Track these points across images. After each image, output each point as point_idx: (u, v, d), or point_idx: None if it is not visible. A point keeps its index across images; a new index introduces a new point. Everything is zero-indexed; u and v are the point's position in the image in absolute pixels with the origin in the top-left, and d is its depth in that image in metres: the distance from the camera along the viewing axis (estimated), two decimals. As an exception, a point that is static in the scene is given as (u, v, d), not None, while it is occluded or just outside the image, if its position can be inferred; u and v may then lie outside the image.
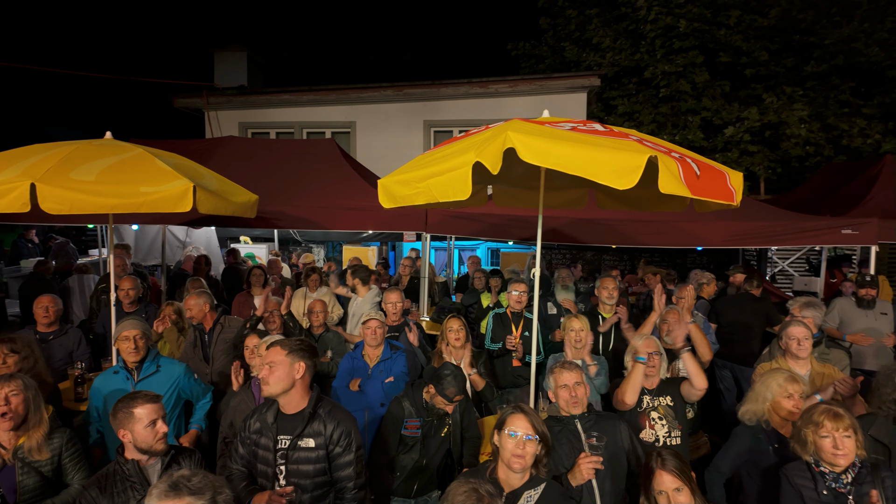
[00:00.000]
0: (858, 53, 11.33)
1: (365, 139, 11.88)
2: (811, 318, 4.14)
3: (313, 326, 4.62)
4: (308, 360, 2.42)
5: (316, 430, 2.37)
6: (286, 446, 2.36)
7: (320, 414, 2.40)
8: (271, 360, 2.36)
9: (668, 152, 2.42)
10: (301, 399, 2.41)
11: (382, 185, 2.82)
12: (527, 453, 2.13)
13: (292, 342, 2.44)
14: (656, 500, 2.16)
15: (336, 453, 2.37)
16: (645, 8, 12.44)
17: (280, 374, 2.34)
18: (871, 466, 2.31)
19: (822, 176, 9.70)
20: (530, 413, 2.21)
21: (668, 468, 2.16)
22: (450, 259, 9.76)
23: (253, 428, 2.43)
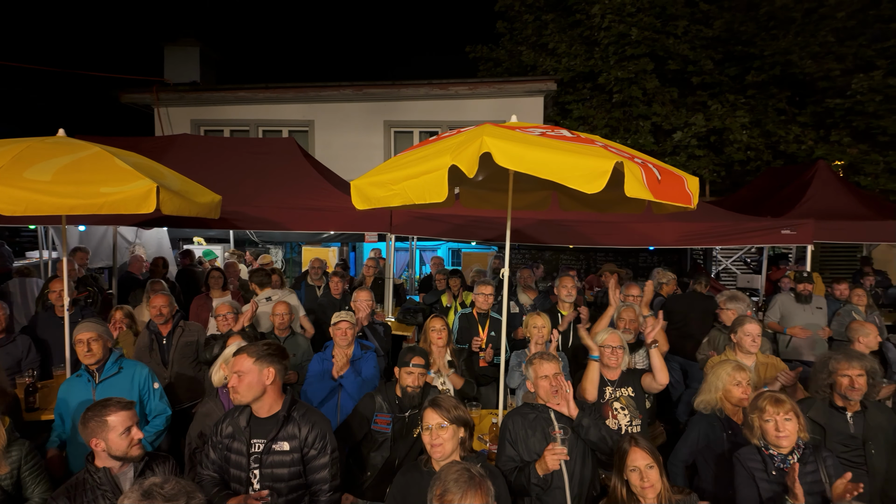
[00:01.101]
0: (793, 65, 12.11)
1: (324, 138, 11.74)
2: (734, 310, 4.43)
3: (276, 329, 4.56)
4: (277, 364, 2.40)
5: (290, 433, 2.36)
6: (260, 450, 2.34)
7: (295, 417, 2.39)
8: (239, 368, 2.33)
9: (632, 158, 2.55)
10: (274, 403, 2.39)
11: (356, 187, 2.84)
12: (443, 440, 2.24)
13: (259, 348, 2.41)
14: (629, 477, 2.28)
15: (311, 456, 2.37)
16: (599, 16, 12.86)
17: (249, 381, 2.32)
18: (812, 447, 2.52)
19: (762, 179, 10.33)
20: (438, 404, 2.31)
21: (641, 446, 2.31)
22: (412, 259, 9.80)
23: (225, 433, 2.40)
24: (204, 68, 12.11)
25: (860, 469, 2.78)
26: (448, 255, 10.71)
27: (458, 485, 1.78)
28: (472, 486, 1.78)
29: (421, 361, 3.09)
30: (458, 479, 1.79)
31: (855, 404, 2.87)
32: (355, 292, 4.61)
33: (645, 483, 2.22)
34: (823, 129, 12.35)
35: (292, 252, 11.74)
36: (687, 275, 9.74)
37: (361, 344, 3.91)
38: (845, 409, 2.88)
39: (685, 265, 11.25)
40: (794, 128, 12.35)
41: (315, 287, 6.59)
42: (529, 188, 3.80)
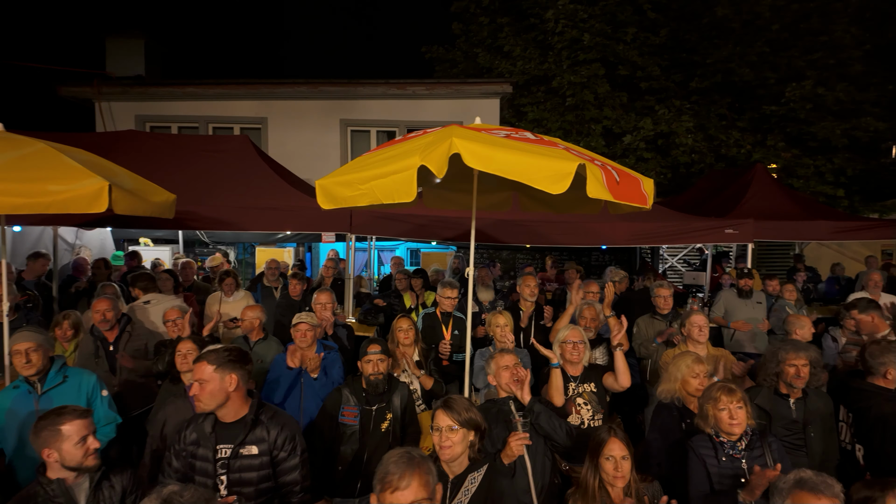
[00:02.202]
0: (733, 73, 12.79)
1: (278, 136, 11.48)
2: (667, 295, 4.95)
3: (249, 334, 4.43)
4: (240, 369, 2.36)
5: (259, 437, 2.33)
6: (227, 455, 2.29)
7: (262, 420, 2.36)
8: (199, 376, 2.28)
9: (593, 160, 2.65)
10: (240, 408, 2.35)
11: (321, 186, 2.81)
12: (453, 443, 2.25)
13: (220, 354, 2.36)
14: (603, 465, 2.36)
15: (281, 458, 2.35)
16: (552, 20, 13.16)
17: (211, 389, 2.27)
18: (759, 434, 2.70)
19: (705, 181, 10.87)
20: (450, 406, 2.32)
21: (619, 437, 2.41)
22: (370, 260, 9.74)
23: (189, 439, 2.34)
24: (149, 62, 11.60)
25: (800, 451, 2.99)
26: (407, 255, 10.70)
27: (398, 466, 1.80)
28: (412, 466, 1.80)
29: (377, 348, 3.15)
30: (397, 462, 1.81)
31: (797, 391, 3.08)
32: (315, 294, 4.54)
33: (618, 473, 2.32)
34: (760, 133, 13.10)
35: (245, 253, 11.40)
36: (636, 272, 10.13)
37: (324, 345, 3.88)
38: (789, 395, 3.09)
39: (635, 263, 11.68)
40: (734, 132, 13.03)
41: (272, 289, 6.45)
42: (492, 189, 3.86)
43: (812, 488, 1.79)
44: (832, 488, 1.81)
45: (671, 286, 5.17)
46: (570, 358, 3.33)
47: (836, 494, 1.80)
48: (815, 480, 1.82)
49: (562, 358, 3.35)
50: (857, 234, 8.44)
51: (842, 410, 3.19)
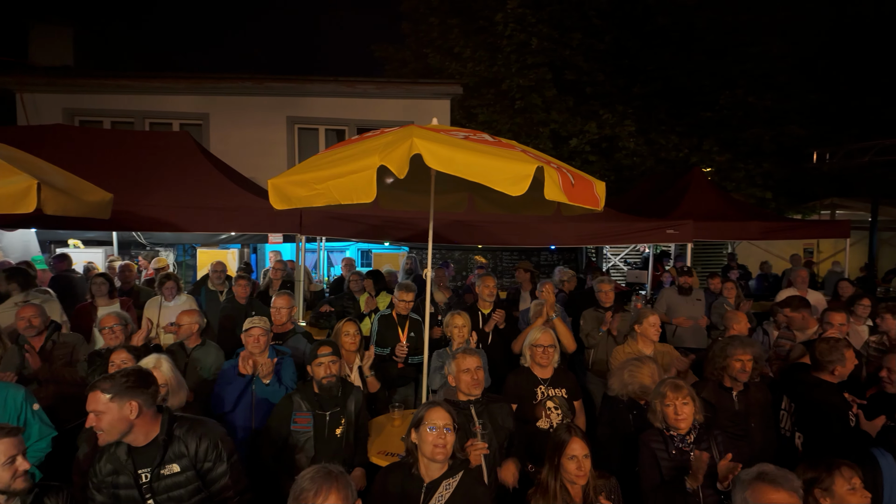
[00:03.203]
0: (673, 80, 13.41)
1: (220, 133, 11.02)
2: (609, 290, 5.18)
3: (186, 340, 4.21)
4: (141, 394, 2.16)
5: (178, 453, 2.20)
6: (149, 479, 2.16)
7: (178, 435, 2.23)
8: (94, 408, 2.09)
9: (549, 163, 2.69)
10: (150, 429, 2.20)
11: (274, 186, 2.71)
12: (448, 443, 2.23)
13: (116, 381, 2.14)
14: (565, 465, 2.38)
15: (207, 468, 2.24)
16: (502, 24, 13.34)
17: (110, 420, 2.09)
18: (706, 427, 2.82)
19: (646, 183, 11.33)
20: (445, 405, 2.32)
21: (580, 436, 2.44)
22: (318, 261, 9.52)
23: (105, 471, 2.18)
24: (78, 52, 10.85)
25: (742, 441, 3.15)
26: (358, 256, 10.52)
27: (314, 482, 1.76)
28: (329, 481, 1.76)
29: (328, 350, 3.08)
30: (313, 477, 1.77)
31: (740, 385, 3.25)
32: (275, 299, 4.39)
33: (580, 472, 2.35)
34: (697, 138, 13.80)
35: (185, 255, 10.87)
36: (583, 272, 10.43)
37: (277, 350, 3.75)
38: (732, 389, 3.26)
39: (581, 263, 12.03)
40: (673, 137, 13.66)
41: (217, 292, 6.17)
42: (448, 189, 3.86)
43: (772, 481, 1.88)
44: (791, 482, 1.90)
45: (612, 282, 5.36)
46: (540, 361, 3.35)
47: (795, 489, 1.90)
48: (775, 474, 1.91)
49: (532, 360, 3.38)
50: (784, 233, 9.04)
51: (785, 400, 3.40)
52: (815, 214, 14.54)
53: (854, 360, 3.25)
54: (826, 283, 10.37)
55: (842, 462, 2.19)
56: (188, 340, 4.01)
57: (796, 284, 6.42)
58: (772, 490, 1.85)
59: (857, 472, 2.16)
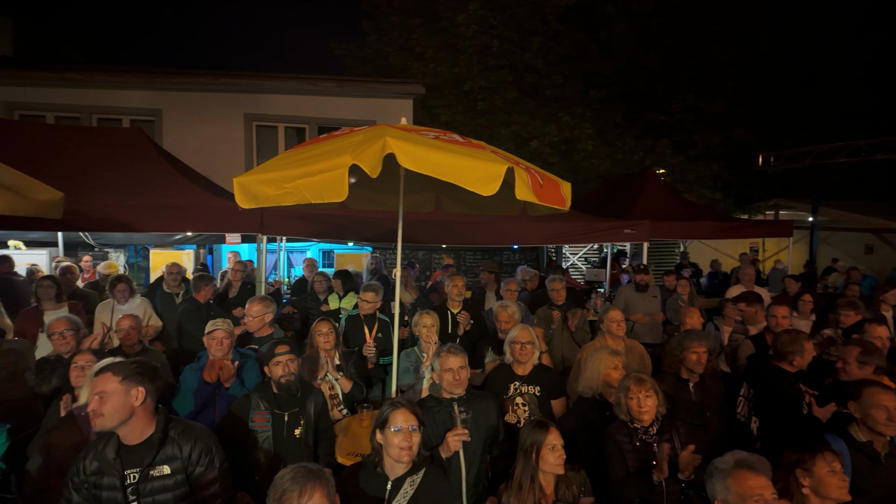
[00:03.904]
0: (628, 84, 13.83)
1: (174, 130, 10.64)
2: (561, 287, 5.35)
3: (124, 345, 4.07)
4: (148, 383, 2.19)
5: (170, 455, 2.17)
6: (136, 480, 2.10)
7: (172, 437, 2.20)
8: (102, 389, 2.08)
9: (518, 164, 2.74)
10: (146, 426, 2.17)
11: (241, 185, 2.65)
12: (413, 444, 2.24)
13: (127, 365, 2.19)
14: (545, 456, 2.43)
15: (198, 473, 2.20)
16: (463, 25, 13.41)
17: (115, 404, 2.08)
18: (668, 419, 2.93)
19: (604, 184, 11.64)
20: (409, 405, 2.33)
21: (555, 427, 2.51)
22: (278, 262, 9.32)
23: (90, 469, 2.11)
24: (18, 43, 10.24)
25: (700, 430, 3.29)
26: (320, 257, 10.36)
27: (296, 482, 1.75)
28: (311, 479, 1.76)
29: (286, 348, 3.06)
30: (294, 477, 1.76)
31: (696, 376, 3.40)
32: (249, 304, 4.28)
33: (559, 461, 2.42)
34: (651, 140, 14.28)
35: (137, 256, 10.43)
36: (544, 271, 10.62)
37: (240, 353, 3.67)
38: (689, 380, 3.40)
39: (542, 262, 12.25)
40: (628, 139, 14.09)
41: (173, 295, 5.97)
42: (416, 189, 3.86)
43: (751, 467, 1.99)
44: (766, 467, 2.02)
45: (563, 279, 5.50)
46: (518, 357, 3.39)
47: (768, 473, 2.01)
48: (752, 460, 2.01)
49: (511, 357, 3.43)
50: (733, 233, 9.48)
51: (744, 387, 3.58)
52: (760, 214, 15.32)
53: (812, 352, 3.46)
54: (770, 279, 10.93)
55: (826, 447, 2.32)
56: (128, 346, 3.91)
57: (744, 281, 6.75)
58: (752, 476, 1.95)
59: (839, 458, 2.29)
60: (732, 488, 1.97)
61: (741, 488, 1.95)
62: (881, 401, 2.60)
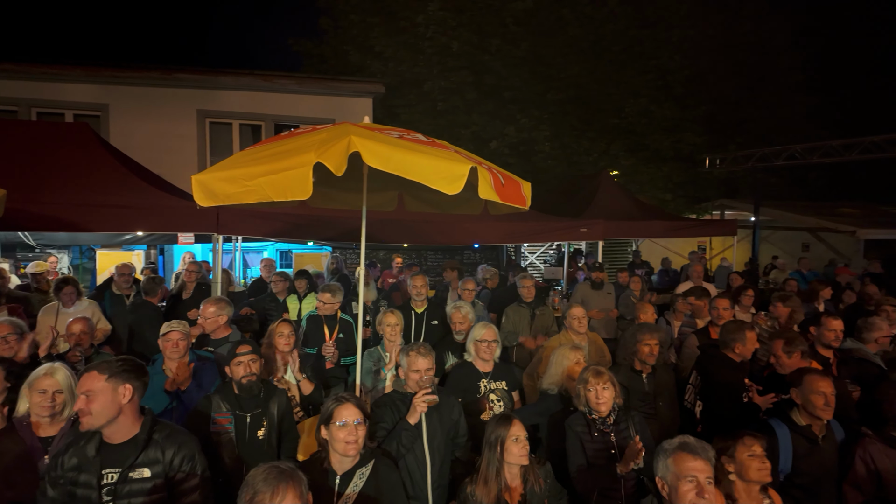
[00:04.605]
0: (584, 88, 14.19)
1: (122, 126, 10.21)
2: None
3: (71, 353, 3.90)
4: (135, 380, 2.18)
5: (152, 458, 2.12)
6: (114, 480, 2.06)
7: (157, 440, 2.16)
8: (88, 388, 2.06)
9: (480, 163, 2.80)
10: (131, 425, 2.14)
11: (199, 182, 2.59)
12: (359, 437, 2.27)
13: (113, 363, 2.16)
14: (509, 448, 2.49)
15: (179, 479, 2.16)
16: (423, 25, 13.44)
17: (103, 402, 2.06)
18: (624, 409, 3.06)
19: (561, 185, 11.94)
20: (353, 398, 2.35)
21: (518, 419, 2.57)
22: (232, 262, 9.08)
23: (68, 465, 2.07)
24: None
25: (652, 419, 3.45)
26: (277, 257, 10.15)
27: (268, 483, 1.74)
28: (283, 479, 1.76)
29: (247, 349, 3.04)
30: (266, 478, 1.75)
31: (648, 367, 3.56)
32: (204, 305, 4.17)
33: (523, 452, 2.48)
34: (605, 143, 14.71)
35: (83, 257, 9.94)
36: (504, 269, 10.79)
37: (198, 355, 3.59)
38: (642, 371, 3.56)
39: (502, 261, 12.43)
40: (584, 142, 14.47)
41: (123, 297, 5.75)
42: (378, 188, 3.87)
43: (691, 450, 2.09)
44: (707, 452, 2.13)
45: (533, 278, 5.65)
46: (483, 356, 3.48)
47: (710, 458, 2.12)
48: (694, 444, 2.12)
49: (476, 356, 3.49)
50: (682, 232, 9.92)
51: (692, 375, 3.77)
52: (707, 214, 16.04)
53: (755, 343, 3.67)
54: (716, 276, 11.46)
55: (746, 433, 2.47)
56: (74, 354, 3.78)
57: (692, 278, 7.07)
58: (691, 458, 2.07)
59: (759, 441, 2.45)
60: (671, 468, 2.08)
61: (679, 469, 2.06)
62: (819, 387, 2.80)
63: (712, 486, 2.05)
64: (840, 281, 8.48)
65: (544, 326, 5.21)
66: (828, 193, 19.14)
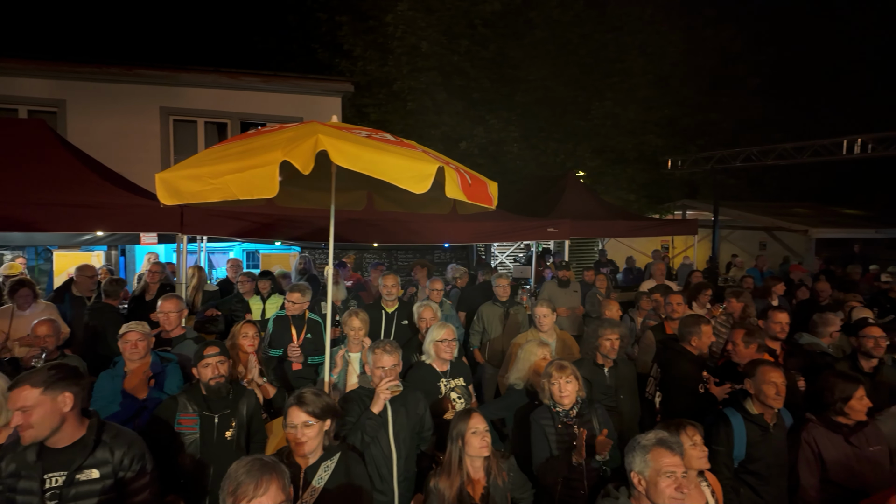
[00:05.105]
0: (551, 90, 14.42)
1: (80, 123, 9.88)
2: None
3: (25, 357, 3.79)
4: (73, 385, 2.12)
5: (101, 459, 2.10)
6: (59, 484, 2.02)
7: (105, 440, 2.13)
8: (23, 403, 1.99)
9: (447, 163, 2.85)
10: (75, 430, 2.10)
11: (163, 180, 2.57)
12: (308, 437, 2.30)
13: (45, 373, 2.09)
14: (469, 440, 2.55)
15: (128, 479, 2.14)
16: (392, 25, 13.43)
17: (42, 414, 2.00)
18: (588, 401, 3.16)
19: (529, 185, 12.13)
20: (303, 401, 2.34)
21: (480, 412, 2.64)
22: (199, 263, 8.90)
23: (6, 472, 2.01)
24: None
25: (613, 411, 3.57)
26: (244, 258, 9.99)
27: (251, 475, 1.75)
28: (266, 472, 1.77)
29: (215, 350, 3.02)
30: (249, 471, 1.76)
31: (610, 361, 3.68)
32: (162, 301, 4.10)
33: (483, 443, 2.54)
34: (572, 144, 14.98)
35: (38, 259, 9.57)
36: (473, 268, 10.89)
37: (161, 356, 3.53)
38: (604, 365, 3.67)
39: (472, 260, 12.54)
40: (551, 143, 14.70)
41: (84, 299, 5.58)
42: (347, 187, 3.88)
43: (669, 447, 2.18)
44: (682, 448, 2.24)
45: (508, 277, 5.76)
46: (443, 356, 3.52)
47: (682, 452, 2.21)
48: (671, 441, 2.21)
49: (436, 356, 3.54)
50: (646, 231, 10.21)
51: (653, 368, 3.91)
52: (669, 214, 16.52)
53: (711, 336, 3.85)
54: (679, 274, 11.84)
55: (687, 422, 2.59)
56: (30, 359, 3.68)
57: (655, 276, 7.31)
58: (669, 454, 2.15)
59: (699, 430, 2.57)
60: (650, 463, 2.16)
61: (658, 464, 2.14)
62: (771, 378, 2.96)
63: (686, 480, 2.15)
64: (793, 278, 8.90)
65: (517, 324, 5.30)
66: (783, 194, 19.99)
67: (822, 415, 2.99)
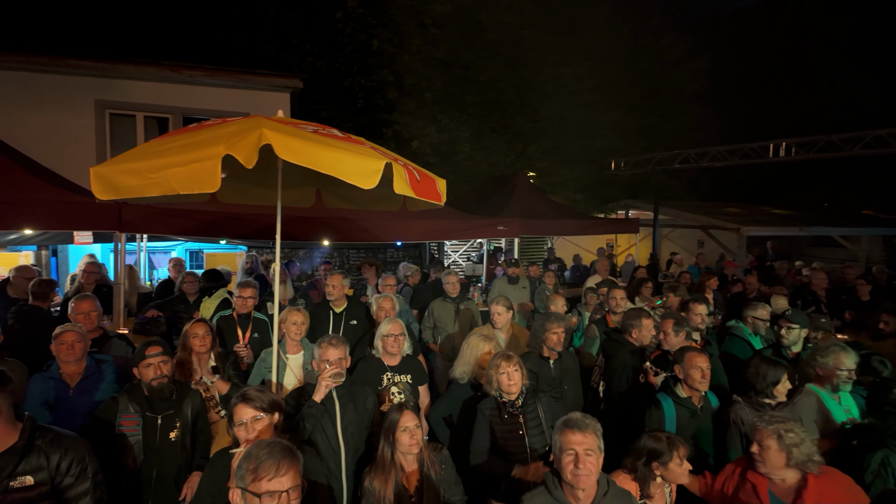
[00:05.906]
0: (501, 91, 14.67)
1: (6, 116, 9.22)
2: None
3: None
4: (1, 391, 2.00)
5: (35, 465, 2.00)
6: None
7: (39, 445, 2.03)
8: None
9: (396, 160, 2.88)
10: (6, 435, 1.99)
11: (98, 174, 2.48)
12: (258, 431, 2.30)
13: None
14: (399, 438, 2.56)
15: (67, 484, 2.05)
16: (342, 22, 13.28)
17: None
18: (532, 392, 3.26)
19: (479, 185, 12.30)
20: (248, 398, 2.35)
21: (411, 409, 2.66)
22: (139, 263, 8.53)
23: None
24: None
25: (559, 402, 3.70)
26: (187, 257, 9.63)
27: (273, 455, 1.79)
28: (286, 455, 1.82)
29: (157, 350, 2.96)
30: (271, 452, 1.80)
31: (555, 354, 3.81)
32: (77, 303, 3.92)
33: (413, 440, 2.57)
34: (522, 145, 15.29)
35: (-42, 259, 8.88)
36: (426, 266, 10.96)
37: (95, 358, 3.39)
38: (549, 358, 3.80)
39: (425, 258, 12.59)
40: (502, 143, 14.96)
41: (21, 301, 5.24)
42: (294, 183, 3.84)
43: (573, 426, 2.26)
44: (591, 425, 2.28)
45: (457, 274, 5.84)
46: (390, 350, 3.53)
47: (596, 430, 2.27)
48: (577, 420, 2.29)
49: (383, 350, 3.55)
50: (592, 230, 10.56)
51: (599, 357, 4.08)
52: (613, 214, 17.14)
53: (651, 330, 4.04)
54: (623, 271, 12.32)
55: (679, 442, 2.66)
56: None
57: (599, 272, 7.59)
58: (571, 433, 2.24)
59: (687, 449, 2.67)
60: (559, 443, 2.27)
61: (562, 442, 2.25)
62: (697, 363, 3.17)
63: (592, 458, 2.20)
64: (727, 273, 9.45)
65: (469, 320, 5.38)
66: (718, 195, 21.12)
67: (747, 396, 3.23)
